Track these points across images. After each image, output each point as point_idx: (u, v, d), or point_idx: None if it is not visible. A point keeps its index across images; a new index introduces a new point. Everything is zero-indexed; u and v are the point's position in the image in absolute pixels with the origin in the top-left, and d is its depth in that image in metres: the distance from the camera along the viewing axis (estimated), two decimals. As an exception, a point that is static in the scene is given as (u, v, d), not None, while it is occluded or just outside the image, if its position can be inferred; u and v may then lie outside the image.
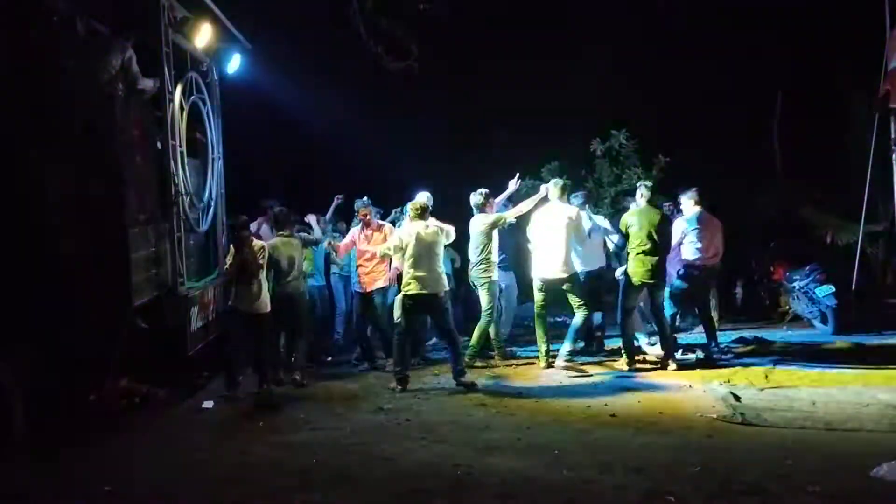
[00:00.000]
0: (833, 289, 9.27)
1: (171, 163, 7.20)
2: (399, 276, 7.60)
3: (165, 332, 7.04)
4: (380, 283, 8.18)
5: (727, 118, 11.66)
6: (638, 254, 7.66)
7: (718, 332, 8.40)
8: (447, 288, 7.41)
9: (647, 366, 7.81)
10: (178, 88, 7.50)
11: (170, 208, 7.21)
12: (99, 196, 6.42)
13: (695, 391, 6.77)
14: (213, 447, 5.57)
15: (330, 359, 8.81)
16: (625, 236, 7.86)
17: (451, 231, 7.48)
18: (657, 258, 7.64)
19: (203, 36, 7.96)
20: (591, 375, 7.52)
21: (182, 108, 7.59)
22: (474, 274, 8.04)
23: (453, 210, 8.36)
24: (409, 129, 11.29)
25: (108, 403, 6.48)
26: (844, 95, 11.40)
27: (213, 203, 8.53)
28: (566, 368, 7.65)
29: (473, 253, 8.02)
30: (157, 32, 7.06)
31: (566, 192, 8.05)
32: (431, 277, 7.16)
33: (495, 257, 8.05)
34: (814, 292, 9.40)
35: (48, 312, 6.12)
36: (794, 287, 9.72)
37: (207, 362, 7.83)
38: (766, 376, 7.10)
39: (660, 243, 7.66)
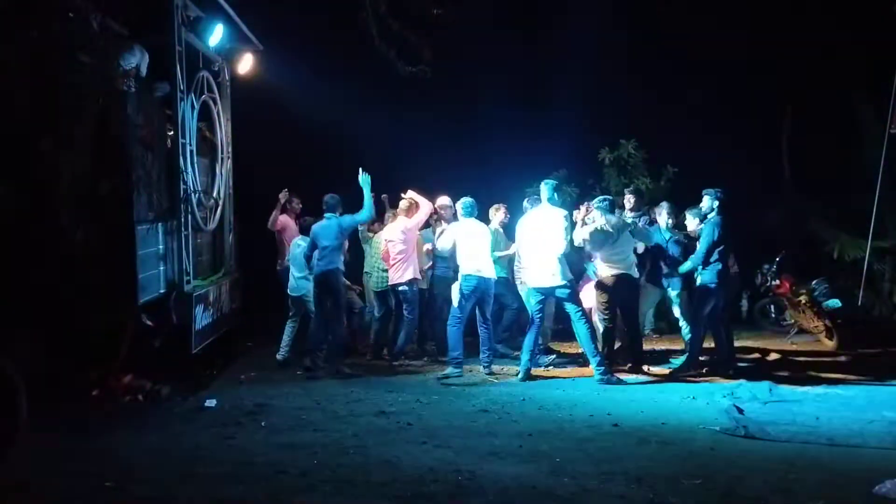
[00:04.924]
0: (839, 303, 9.24)
1: (181, 161, 7.24)
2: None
3: (171, 330, 7.07)
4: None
5: (736, 130, 11.64)
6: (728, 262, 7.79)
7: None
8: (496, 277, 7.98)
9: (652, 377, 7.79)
10: (190, 88, 7.54)
11: (178, 206, 7.24)
12: (108, 192, 6.46)
13: (698, 403, 6.76)
14: (214, 446, 5.57)
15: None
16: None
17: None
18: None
19: (216, 36, 8.01)
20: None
21: (193, 107, 7.63)
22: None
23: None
24: (419, 132, 11.30)
25: (111, 399, 6.51)
26: (855, 110, 11.37)
27: (221, 202, 8.57)
28: (606, 382, 7.38)
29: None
30: (170, 31, 7.10)
31: (557, 192, 7.77)
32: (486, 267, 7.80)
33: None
34: (820, 307, 9.37)
35: (55, 307, 6.15)
36: (799, 301, 9.69)
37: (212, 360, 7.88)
38: (770, 390, 7.07)
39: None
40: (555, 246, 7.45)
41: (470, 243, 7.85)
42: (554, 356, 8.50)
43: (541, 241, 7.55)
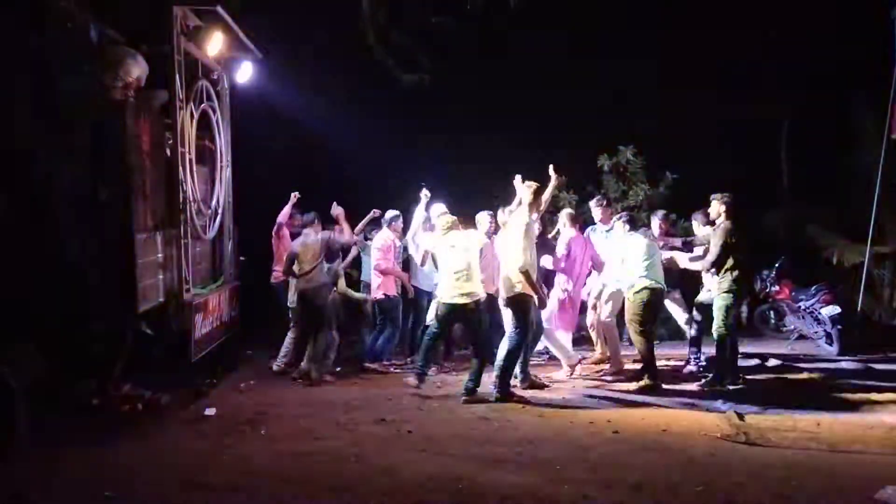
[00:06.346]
0: (839, 309, 9.24)
1: (180, 170, 7.25)
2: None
3: (170, 338, 7.07)
4: None
5: (735, 136, 11.68)
6: (744, 268, 7.47)
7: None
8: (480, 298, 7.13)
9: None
10: (189, 96, 7.55)
11: (177, 215, 7.24)
12: (107, 200, 6.47)
13: (698, 409, 6.75)
14: (214, 455, 5.56)
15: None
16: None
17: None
18: None
19: (215, 44, 8.02)
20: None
21: (192, 116, 7.64)
22: None
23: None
24: (417, 140, 11.33)
25: (111, 408, 6.50)
26: (854, 115, 11.41)
27: (220, 210, 8.57)
28: (505, 401, 6.95)
29: None
30: (169, 41, 7.12)
31: (538, 197, 7.16)
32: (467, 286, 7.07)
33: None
34: (819, 313, 9.37)
35: (54, 316, 6.15)
36: (799, 307, 9.70)
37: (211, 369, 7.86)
38: (771, 396, 7.06)
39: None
40: (510, 257, 6.99)
41: (455, 259, 7.10)
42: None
43: (501, 248, 7.26)
